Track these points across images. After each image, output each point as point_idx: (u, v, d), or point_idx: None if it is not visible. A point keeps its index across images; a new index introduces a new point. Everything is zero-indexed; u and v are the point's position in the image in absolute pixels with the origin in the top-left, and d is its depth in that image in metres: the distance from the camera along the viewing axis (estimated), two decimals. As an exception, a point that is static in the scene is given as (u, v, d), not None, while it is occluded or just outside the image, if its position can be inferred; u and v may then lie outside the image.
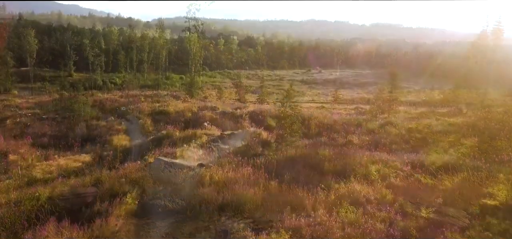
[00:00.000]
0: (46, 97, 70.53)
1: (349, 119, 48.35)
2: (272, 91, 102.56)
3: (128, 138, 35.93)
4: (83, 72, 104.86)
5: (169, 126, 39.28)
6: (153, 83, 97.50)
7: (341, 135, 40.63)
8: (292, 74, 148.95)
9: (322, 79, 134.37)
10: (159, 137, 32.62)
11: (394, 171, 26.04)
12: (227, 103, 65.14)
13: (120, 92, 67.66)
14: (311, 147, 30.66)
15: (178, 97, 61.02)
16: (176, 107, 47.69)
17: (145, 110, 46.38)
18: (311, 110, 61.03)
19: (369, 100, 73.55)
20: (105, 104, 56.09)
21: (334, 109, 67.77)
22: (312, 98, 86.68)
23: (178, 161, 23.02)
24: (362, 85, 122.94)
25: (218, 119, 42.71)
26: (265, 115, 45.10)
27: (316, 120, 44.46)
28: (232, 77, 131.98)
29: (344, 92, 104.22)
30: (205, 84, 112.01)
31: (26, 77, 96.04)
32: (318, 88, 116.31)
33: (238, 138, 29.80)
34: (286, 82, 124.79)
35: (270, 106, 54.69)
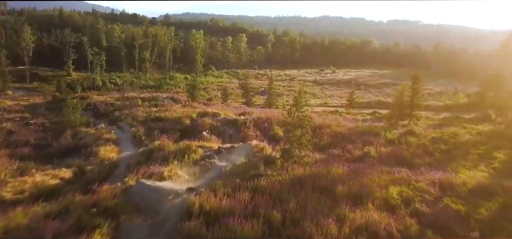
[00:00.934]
0: (39, 99, 68.56)
1: (365, 127, 45.23)
2: (281, 92, 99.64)
3: (117, 149, 33.33)
4: (83, 71, 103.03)
5: (164, 135, 36.64)
6: (155, 84, 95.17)
7: (357, 146, 37.65)
8: (304, 73, 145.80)
9: (336, 79, 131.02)
10: (150, 149, 29.92)
11: (419, 194, 23.12)
12: (232, 106, 62.43)
13: (118, 94, 65.32)
14: (322, 163, 27.74)
15: (178, 100, 58.44)
16: (174, 112, 45.05)
17: (139, 116, 43.80)
18: (323, 115, 58.05)
19: (387, 104, 70.13)
20: (99, 108, 53.78)
21: (349, 114, 64.69)
22: (325, 101, 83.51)
23: (164, 184, 20.27)
24: (379, 86, 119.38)
25: (219, 127, 39.94)
26: (272, 122, 42.18)
27: (329, 129, 41.44)
28: (240, 77, 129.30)
29: (360, 93, 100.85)
30: (211, 84, 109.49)
31: (22, 76, 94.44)
32: (331, 89, 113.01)
33: (238, 153, 26.96)
34: (297, 83, 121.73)
35: (278, 111, 51.75)
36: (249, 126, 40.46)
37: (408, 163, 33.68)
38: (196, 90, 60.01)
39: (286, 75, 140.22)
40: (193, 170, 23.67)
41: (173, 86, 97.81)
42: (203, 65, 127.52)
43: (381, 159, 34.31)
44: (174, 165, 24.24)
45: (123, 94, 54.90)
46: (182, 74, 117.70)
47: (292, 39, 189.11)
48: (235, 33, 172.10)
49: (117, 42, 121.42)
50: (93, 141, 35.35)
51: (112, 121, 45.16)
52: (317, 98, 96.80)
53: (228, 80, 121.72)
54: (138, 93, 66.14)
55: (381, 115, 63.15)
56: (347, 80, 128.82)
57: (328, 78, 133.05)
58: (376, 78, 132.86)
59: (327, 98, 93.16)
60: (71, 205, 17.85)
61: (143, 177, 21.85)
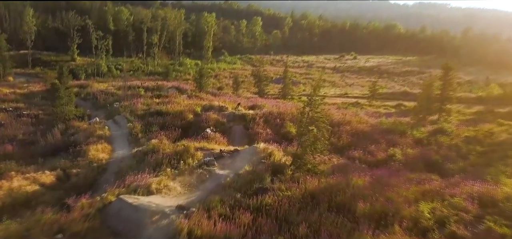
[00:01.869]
0: (39, 86, 66.75)
1: (390, 123, 41.95)
2: (298, 81, 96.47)
3: (109, 148, 30.83)
4: (88, 56, 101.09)
5: (163, 132, 34.02)
6: (163, 70, 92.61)
7: (381, 147, 34.53)
8: (323, 60, 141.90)
9: (357, 66, 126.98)
10: (144, 151, 27.35)
11: (455, 212, 20.20)
12: (244, 97, 59.66)
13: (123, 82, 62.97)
14: (340, 171, 24.81)
15: (184, 90, 55.74)
16: (177, 105, 42.35)
17: (138, 109, 41.21)
18: (343, 108, 54.87)
19: (414, 96, 66.50)
20: (99, 98, 51.48)
21: (371, 106, 61.32)
22: (345, 91, 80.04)
23: (149, 201, 17.63)
24: (403, 74, 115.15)
25: (225, 123, 37.09)
26: (284, 118, 39.16)
27: (349, 126, 38.28)
28: (254, 63, 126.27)
29: (383, 82, 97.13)
30: (223, 71, 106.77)
31: (25, 61, 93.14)
32: (352, 77, 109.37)
33: (242, 158, 24.15)
34: (316, 70, 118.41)
35: (292, 104, 48.67)
36: (258, 122, 37.48)
37: (439, 168, 30.61)
38: (204, 79, 57.25)
39: (303, 61, 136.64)
40: (188, 180, 20.93)
41: (182, 73, 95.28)
42: (215, 51, 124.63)
43: (408, 163, 31.24)
44: (166, 174, 21.58)
45: (125, 83, 52.50)
46: (193, 60, 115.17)
47: (310, 22, 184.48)
48: (250, 16, 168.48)
49: (125, 25, 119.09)
50: (85, 138, 32.94)
51: (109, 114, 42.83)
52: (337, 87, 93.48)
53: (242, 67, 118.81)
54: (142, 82, 63.74)
55: (407, 108, 59.68)
56: (369, 68, 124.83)
57: (348, 65, 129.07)
58: (400, 66, 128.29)
59: (348, 88, 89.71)
60: (34, 228, 15.35)
61: (128, 189, 19.22)
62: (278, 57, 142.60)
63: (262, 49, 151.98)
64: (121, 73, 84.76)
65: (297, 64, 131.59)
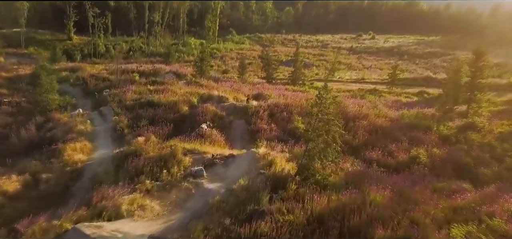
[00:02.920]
0: (29, 69, 64.12)
1: (412, 116, 38.57)
2: (311, 63, 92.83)
3: (89, 147, 28.05)
4: (86, 34, 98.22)
5: (152, 127, 31.13)
6: (165, 51, 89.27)
7: (402, 146, 31.31)
8: (339, 39, 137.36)
9: (376, 47, 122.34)
10: (125, 152, 24.47)
11: (495, 237, 17.36)
12: (249, 83, 56.46)
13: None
14: (354, 181, 21.76)
15: (183, 76, 52.58)
16: (172, 94, 39.17)
17: (128, 99, 38.17)
18: (359, 95, 51.45)
19: (438, 82, 62.72)
20: (89, 84, 48.62)
21: (391, 93, 57.70)
22: (362, 75, 76.24)
23: (112, 231, 14.74)
24: (426, 56, 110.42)
25: (224, 117, 33.97)
26: (292, 110, 35.93)
27: (366, 121, 34.97)
28: (264, 42, 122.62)
29: (403, 65, 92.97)
30: (230, 52, 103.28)
31: (18, 40, 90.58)
32: (370, 59, 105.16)
33: (238, 167, 21.16)
34: (331, 51, 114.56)
35: (302, 94, 45.25)
36: (262, 116, 34.24)
37: (470, 173, 27.60)
38: (205, 64, 54.05)
39: (317, 41, 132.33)
40: (170, 196, 18.04)
41: (185, 54, 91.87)
42: (221, 29, 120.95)
43: (434, 167, 28.16)
44: (144, 187, 18.73)
45: (117, 67, 49.55)
46: (198, 39, 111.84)
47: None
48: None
49: (126, 1, 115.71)
50: (63, 134, 30.17)
51: (96, 104, 40.10)
52: (353, 70, 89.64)
53: (250, 47, 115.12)
54: (139, 65, 60.65)
55: (430, 96, 55.94)
56: (388, 48, 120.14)
57: (366, 46, 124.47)
58: (423, 47, 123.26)
59: (365, 71, 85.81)
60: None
61: (93, 210, 16.39)
62: (290, 36, 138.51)
63: (273, 27, 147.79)
64: (129, 53, 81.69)
65: (310, 44, 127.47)
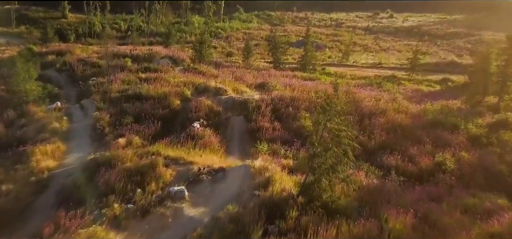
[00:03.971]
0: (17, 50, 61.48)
1: (436, 111, 35.15)
2: (323, 44, 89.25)
3: (63, 149, 25.21)
4: (82, 12, 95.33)
5: (137, 126, 28.24)
6: (165, 31, 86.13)
7: (425, 148, 28.14)
8: (354, 18, 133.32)
9: (394, 27, 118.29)
10: (99, 161, 21.65)
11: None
12: (254, 69, 53.28)
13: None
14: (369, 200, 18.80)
15: (179, 61, 49.49)
16: (165, 84, 36.22)
17: (113, 90, 35.17)
18: (376, 83, 48.03)
19: (463, 67, 58.90)
20: (76, 70, 45.77)
21: (411, 81, 54.08)
22: (379, 59, 72.57)
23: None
24: (448, 36, 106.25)
25: (220, 113, 30.84)
26: (299, 105, 32.75)
27: (383, 118, 31.73)
28: (274, 21, 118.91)
29: (424, 46, 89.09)
30: (236, 31, 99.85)
31: (9, 18, 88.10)
32: (387, 40, 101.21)
33: (228, 186, 18.19)
34: (345, 30, 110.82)
35: (312, 84, 41.89)
36: (264, 112, 31.10)
37: (505, 183, 24.47)
38: (205, 48, 50.86)
39: (331, 19, 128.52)
40: (140, 227, 15.17)
41: (187, 34, 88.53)
42: (227, 6, 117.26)
43: (463, 176, 25.00)
44: (110, 213, 15.91)
45: (107, 50, 46.56)
46: (202, 18, 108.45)
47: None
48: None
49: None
50: (35, 132, 27.40)
51: (79, 94, 37.33)
52: (369, 52, 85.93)
53: (258, 26, 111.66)
54: (134, 48, 57.53)
55: (455, 84, 52.35)
56: (407, 28, 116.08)
57: (383, 25, 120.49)
58: (445, 26, 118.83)
59: (382, 54, 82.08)
60: None
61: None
62: (301, 14, 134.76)
63: (284, 4, 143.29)
64: (127, 32, 78.16)
65: (323, 22, 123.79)
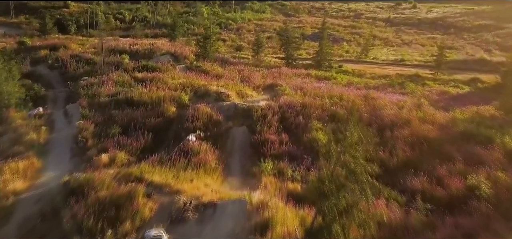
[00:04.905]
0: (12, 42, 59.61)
1: (466, 120, 31.83)
2: (340, 36, 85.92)
3: (37, 167, 22.65)
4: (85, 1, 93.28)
5: (125, 138, 25.58)
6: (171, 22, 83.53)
7: (455, 167, 25.05)
8: (374, 9, 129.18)
9: (417, 18, 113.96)
10: (71, 186, 19.05)
11: None
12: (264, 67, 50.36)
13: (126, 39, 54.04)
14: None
15: (181, 59, 46.74)
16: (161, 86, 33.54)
17: (103, 93, 32.46)
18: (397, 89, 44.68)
19: (494, 66, 55.27)
20: (69, 68, 43.36)
21: (436, 81, 50.57)
22: (401, 55, 68.91)
23: None
24: (475, 29, 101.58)
25: (220, 123, 27.97)
26: (311, 113, 29.77)
27: (407, 129, 28.60)
28: (288, 11, 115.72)
29: (449, 40, 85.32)
30: (248, 22, 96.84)
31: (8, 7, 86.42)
32: (410, 33, 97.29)
33: (218, 228, 15.43)
34: (365, 22, 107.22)
35: (326, 86, 38.69)
36: (271, 122, 28.22)
37: None
38: (210, 44, 48.00)
39: (350, 10, 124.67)
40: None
41: (195, 26, 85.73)
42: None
43: (501, 204, 21.83)
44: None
45: (102, 46, 43.97)
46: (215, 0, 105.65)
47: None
48: None
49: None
50: (9, 144, 24.95)
51: (68, 96, 34.91)
52: (390, 46, 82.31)
53: (271, 17, 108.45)
54: (133, 42, 54.91)
55: (485, 85, 48.73)
56: (431, 20, 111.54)
57: (406, 17, 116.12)
58: (472, 18, 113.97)
59: (404, 49, 78.40)
60: None
61: None
62: (318, 4, 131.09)
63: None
64: (131, 23, 75.50)
65: (341, 13, 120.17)
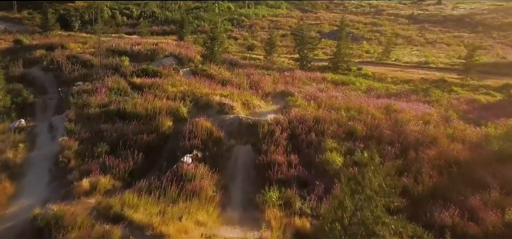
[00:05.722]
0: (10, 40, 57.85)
1: (500, 137, 28.69)
2: (360, 35, 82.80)
3: (10, 192, 20.20)
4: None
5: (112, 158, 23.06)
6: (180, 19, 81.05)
7: (491, 197, 22.17)
8: (396, 4, 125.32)
9: (442, 15, 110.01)
10: (37, 225, 16.50)
11: None
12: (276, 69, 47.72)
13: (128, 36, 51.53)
14: None
15: (185, 61, 43.99)
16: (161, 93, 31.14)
17: (93, 104, 29.84)
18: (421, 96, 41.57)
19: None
20: (64, 70, 41.06)
21: (465, 87, 47.38)
22: (425, 57, 65.41)
23: None
24: (505, 27, 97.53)
25: (222, 140, 25.18)
26: (324, 130, 26.90)
27: (434, 149, 25.60)
28: (305, 6, 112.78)
29: (477, 39, 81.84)
30: (262, 19, 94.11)
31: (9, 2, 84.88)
32: (434, 31, 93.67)
33: None
34: (386, 18, 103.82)
35: (342, 100, 35.45)
36: (279, 140, 25.50)
37: None
38: (218, 45, 45.25)
39: (370, 6, 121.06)
40: None
41: (206, 22, 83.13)
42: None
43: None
44: None
45: (99, 48, 41.56)
46: (225, 2, 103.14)
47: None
48: None
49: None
50: (-18, 163, 22.73)
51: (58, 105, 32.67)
52: (413, 46, 78.90)
53: (287, 13, 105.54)
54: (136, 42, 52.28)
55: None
56: (457, 17, 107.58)
57: (430, 13, 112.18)
58: (502, 15, 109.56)
59: (429, 49, 74.97)
60: None
61: None
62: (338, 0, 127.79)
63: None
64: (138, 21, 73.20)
65: (361, 9, 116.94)
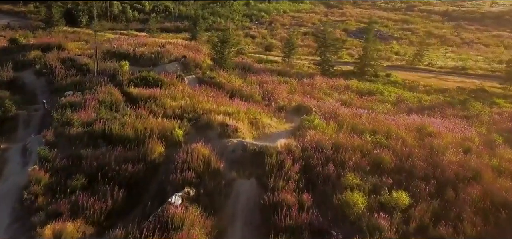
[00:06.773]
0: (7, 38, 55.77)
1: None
2: (390, 33, 78.83)
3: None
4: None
5: (87, 196, 19.85)
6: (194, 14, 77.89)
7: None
8: (429, 0, 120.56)
9: (479, 12, 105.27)
10: None
11: None
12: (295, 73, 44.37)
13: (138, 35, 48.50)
14: None
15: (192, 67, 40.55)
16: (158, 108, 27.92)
17: (75, 122, 26.25)
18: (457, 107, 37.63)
19: None
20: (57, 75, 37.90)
21: (508, 97, 43.12)
22: (462, 61, 60.99)
23: None
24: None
25: (221, 173, 21.50)
26: (345, 161, 23.01)
27: (477, 188, 21.74)
28: (330, 1, 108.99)
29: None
30: (282, 15, 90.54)
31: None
32: (471, 30, 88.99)
33: None
34: (417, 15, 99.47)
35: (367, 118, 31.46)
36: (289, 173, 21.89)
37: None
38: (228, 49, 41.79)
39: (401, 1, 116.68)
40: None
41: (223, 19, 79.85)
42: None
43: None
44: None
45: (96, 51, 38.44)
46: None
47: None
48: None
49: None
50: None
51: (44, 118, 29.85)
52: (448, 46, 74.57)
53: (311, 8, 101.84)
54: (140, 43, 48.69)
55: None
56: (496, 14, 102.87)
57: (466, 10, 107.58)
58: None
59: (465, 50, 70.54)
60: None
61: None
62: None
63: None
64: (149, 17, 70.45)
65: (391, 5, 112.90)
